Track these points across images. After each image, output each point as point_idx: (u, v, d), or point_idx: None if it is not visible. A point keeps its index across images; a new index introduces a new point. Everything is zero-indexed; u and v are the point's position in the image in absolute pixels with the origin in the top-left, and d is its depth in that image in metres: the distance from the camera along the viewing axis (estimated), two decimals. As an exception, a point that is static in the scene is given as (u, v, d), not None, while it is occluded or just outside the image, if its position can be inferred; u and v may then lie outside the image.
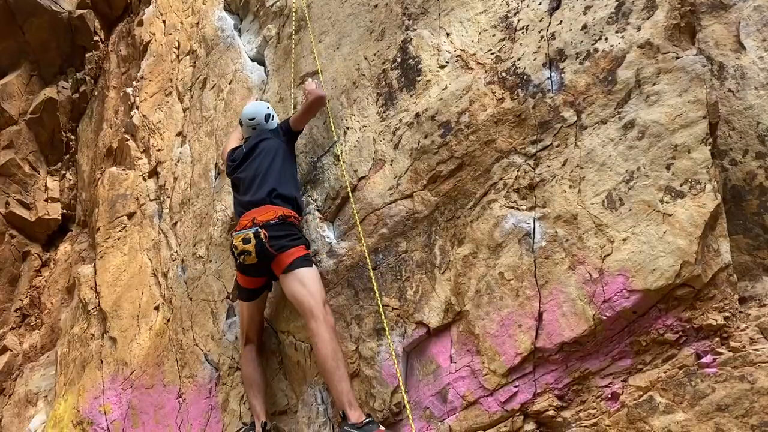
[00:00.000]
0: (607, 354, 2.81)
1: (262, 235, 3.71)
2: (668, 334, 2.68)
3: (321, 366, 3.47)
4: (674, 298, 2.68)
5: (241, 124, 4.56)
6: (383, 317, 3.45)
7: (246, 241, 3.75)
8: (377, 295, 3.50)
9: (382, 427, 3.32)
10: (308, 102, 4.10)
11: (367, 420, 3.32)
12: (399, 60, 3.91)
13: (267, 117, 4.46)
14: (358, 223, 3.74)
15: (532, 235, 3.08)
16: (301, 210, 4.08)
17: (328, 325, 3.49)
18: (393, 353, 3.35)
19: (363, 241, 3.68)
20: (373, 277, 3.54)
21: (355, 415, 3.31)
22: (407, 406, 3.19)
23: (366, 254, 3.63)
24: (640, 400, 2.68)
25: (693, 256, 2.61)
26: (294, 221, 3.88)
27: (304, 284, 3.63)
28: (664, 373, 2.66)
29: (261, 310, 4.14)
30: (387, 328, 3.44)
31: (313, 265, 3.79)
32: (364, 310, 3.64)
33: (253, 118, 4.45)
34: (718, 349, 2.58)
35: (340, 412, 3.39)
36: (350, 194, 3.84)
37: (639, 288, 2.69)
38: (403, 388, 3.27)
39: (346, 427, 3.30)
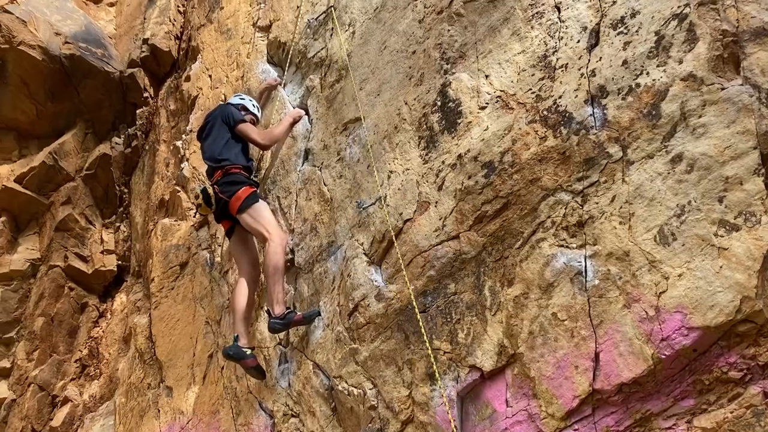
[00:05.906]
0: (668, 394, 2.73)
1: (211, 191, 4.73)
2: (732, 372, 2.59)
3: (264, 274, 4.70)
4: (736, 335, 2.59)
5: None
6: (433, 362, 3.42)
7: (197, 197, 4.85)
8: (426, 339, 3.48)
9: (299, 313, 4.31)
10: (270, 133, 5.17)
11: (288, 312, 4.31)
12: (439, 103, 3.96)
13: (236, 97, 5.43)
14: (403, 267, 3.75)
15: (584, 274, 3.03)
16: (246, 164, 4.97)
17: (275, 243, 4.48)
18: (446, 398, 3.32)
19: (408, 285, 3.69)
20: (421, 320, 3.53)
21: (279, 310, 4.30)
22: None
23: (413, 298, 3.62)
24: (707, 442, 2.58)
25: (753, 291, 2.53)
26: (235, 171, 4.80)
27: (254, 217, 4.63)
28: (731, 413, 2.56)
29: (247, 247, 4.93)
30: (438, 374, 3.41)
31: (260, 200, 4.74)
32: (415, 354, 3.62)
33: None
34: (786, 387, 2.48)
35: (267, 309, 4.43)
36: (394, 238, 3.86)
37: (698, 325, 2.62)
38: (457, 434, 3.22)
39: (271, 320, 4.30)
